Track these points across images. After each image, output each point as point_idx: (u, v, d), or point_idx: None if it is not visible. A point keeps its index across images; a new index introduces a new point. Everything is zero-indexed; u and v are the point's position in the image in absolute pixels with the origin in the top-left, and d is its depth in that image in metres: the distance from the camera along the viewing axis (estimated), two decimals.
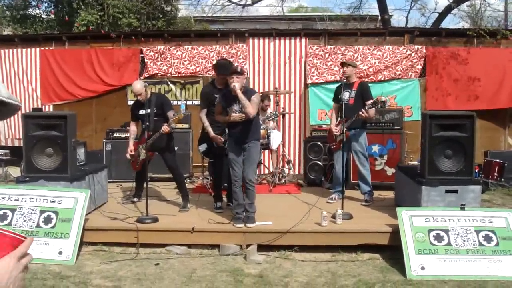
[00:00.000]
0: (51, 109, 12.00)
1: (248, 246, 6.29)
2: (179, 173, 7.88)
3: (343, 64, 8.14)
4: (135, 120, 7.79)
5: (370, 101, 7.62)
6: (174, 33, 13.30)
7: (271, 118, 9.18)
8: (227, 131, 7.05)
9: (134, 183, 8.16)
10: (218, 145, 7.31)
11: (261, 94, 9.40)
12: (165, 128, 7.23)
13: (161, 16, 19.26)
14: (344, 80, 8.02)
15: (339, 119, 7.97)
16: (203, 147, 7.62)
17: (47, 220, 6.28)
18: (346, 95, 7.90)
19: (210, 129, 7.31)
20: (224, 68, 7.28)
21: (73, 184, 6.92)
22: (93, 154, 9.95)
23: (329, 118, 11.42)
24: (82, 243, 6.38)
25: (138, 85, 7.52)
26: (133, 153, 7.73)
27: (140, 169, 7.84)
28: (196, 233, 6.48)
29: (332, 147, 8.12)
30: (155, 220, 6.79)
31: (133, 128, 7.83)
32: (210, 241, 6.47)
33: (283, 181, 9.86)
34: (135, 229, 6.49)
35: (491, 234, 5.84)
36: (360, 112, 7.53)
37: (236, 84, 6.44)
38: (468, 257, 5.65)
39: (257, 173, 9.78)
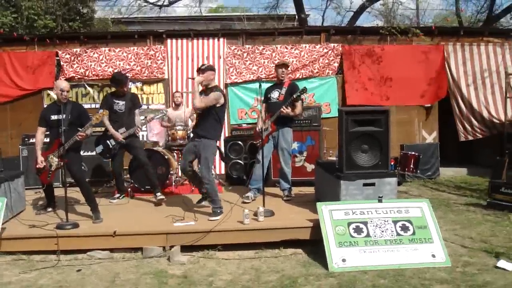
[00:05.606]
0: None
1: (171, 247, 6.23)
2: (86, 184, 7.34)
3: (284, 66, 8.28)
4: (44, 126, 7.24)
5: (296, 93, 7.79)
6: (91, 34, 12.92)
7: (157, 117, 9.28)
8: (123, 130, 8.22)
9: (44, 195, 7.81)
10: (116, 141, 8.23)
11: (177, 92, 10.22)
12: (81, 134, 6.90)
13: (77, 18, 18.75)
14: (275, 80, 8.22)
15: (266, 115, 8.07)
16: (99, 148, 8.44)
17: None
18: (275, 94, 8.08)
19: (110, 127, 8.25)
20: (113, 80, 8.44)
21: None
22: (9, 160, 9.65)
23: (249, 117, 11.56)
24: None
25: (65, 83, 7.34)
26: (42, 165, 7.16)
27: (52, 181, 7.48)
28: (118, 236, 6.36)
29: (258, 144, 8.11)
30: (76, 225, 6.61)
31: (40, 137, 7.27)
32: (133, 244, 6.36)
33: None
34: (55, 236, 6.29)
35: (407, 224, 6.04)
36: (282, 109, 7.62)
37: (197, 77, 7.05)
38: (386, 247, 5.81)
39: (179, 175, 9.78)
